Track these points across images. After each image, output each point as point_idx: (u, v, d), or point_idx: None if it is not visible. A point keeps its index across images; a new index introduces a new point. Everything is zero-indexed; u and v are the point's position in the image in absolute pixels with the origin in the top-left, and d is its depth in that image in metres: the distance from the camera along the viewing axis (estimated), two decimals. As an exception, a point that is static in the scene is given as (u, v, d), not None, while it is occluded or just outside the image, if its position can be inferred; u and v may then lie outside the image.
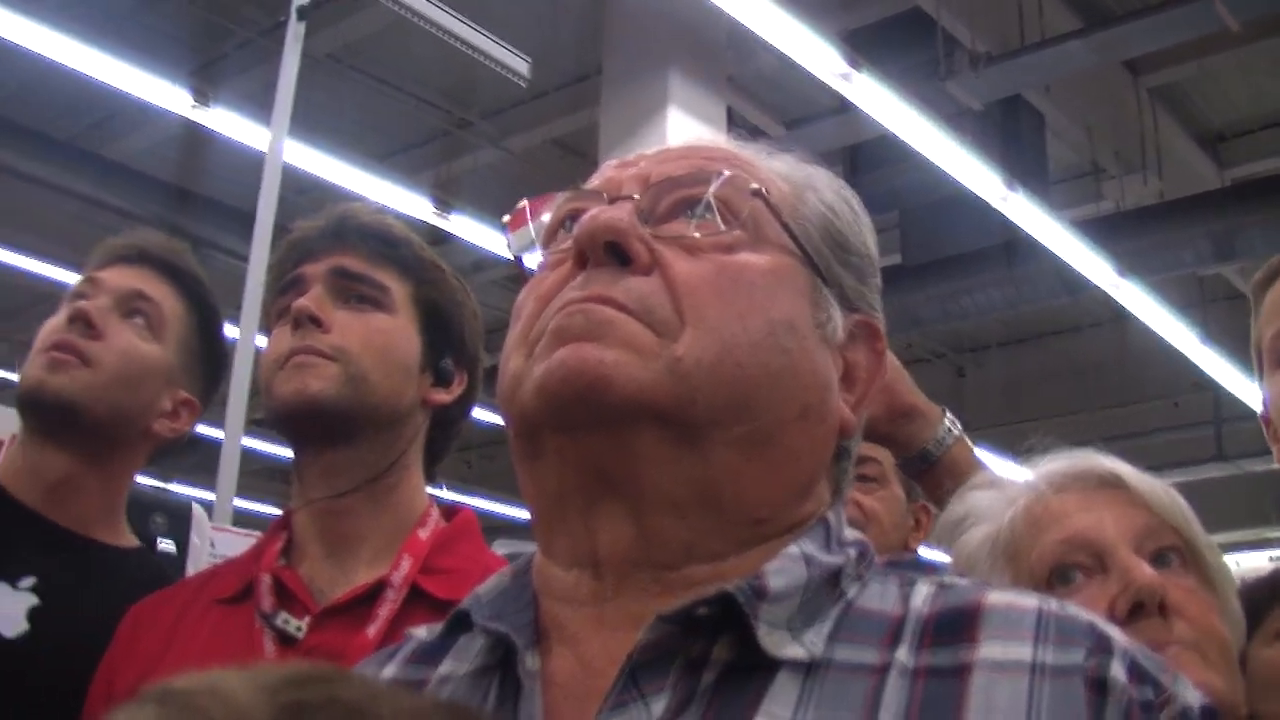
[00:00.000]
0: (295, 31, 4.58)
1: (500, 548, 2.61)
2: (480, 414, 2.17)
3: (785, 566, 0.98)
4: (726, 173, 1.09)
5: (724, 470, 1.00)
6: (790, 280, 1.08)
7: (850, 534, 1.08)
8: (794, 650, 0.93)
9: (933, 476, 1.96)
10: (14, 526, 2.07)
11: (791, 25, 7.20)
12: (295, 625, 1.72)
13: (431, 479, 1.98)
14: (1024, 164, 9.78)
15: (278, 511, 1.99)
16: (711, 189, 1.08)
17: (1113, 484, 1.69)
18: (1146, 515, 1.66)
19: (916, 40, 9.18)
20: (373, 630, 1.70)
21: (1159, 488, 1.70)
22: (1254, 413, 2.13)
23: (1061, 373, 15.35)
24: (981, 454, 2.01)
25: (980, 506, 1.77)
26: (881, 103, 8.03)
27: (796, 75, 8.41)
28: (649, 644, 0.93)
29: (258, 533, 2.14)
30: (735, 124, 9.58)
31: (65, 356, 2.07)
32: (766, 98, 10.56)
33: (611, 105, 8.56)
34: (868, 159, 10.40)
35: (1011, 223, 9.56)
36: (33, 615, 1.97)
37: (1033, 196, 9.27)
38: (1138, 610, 1.54)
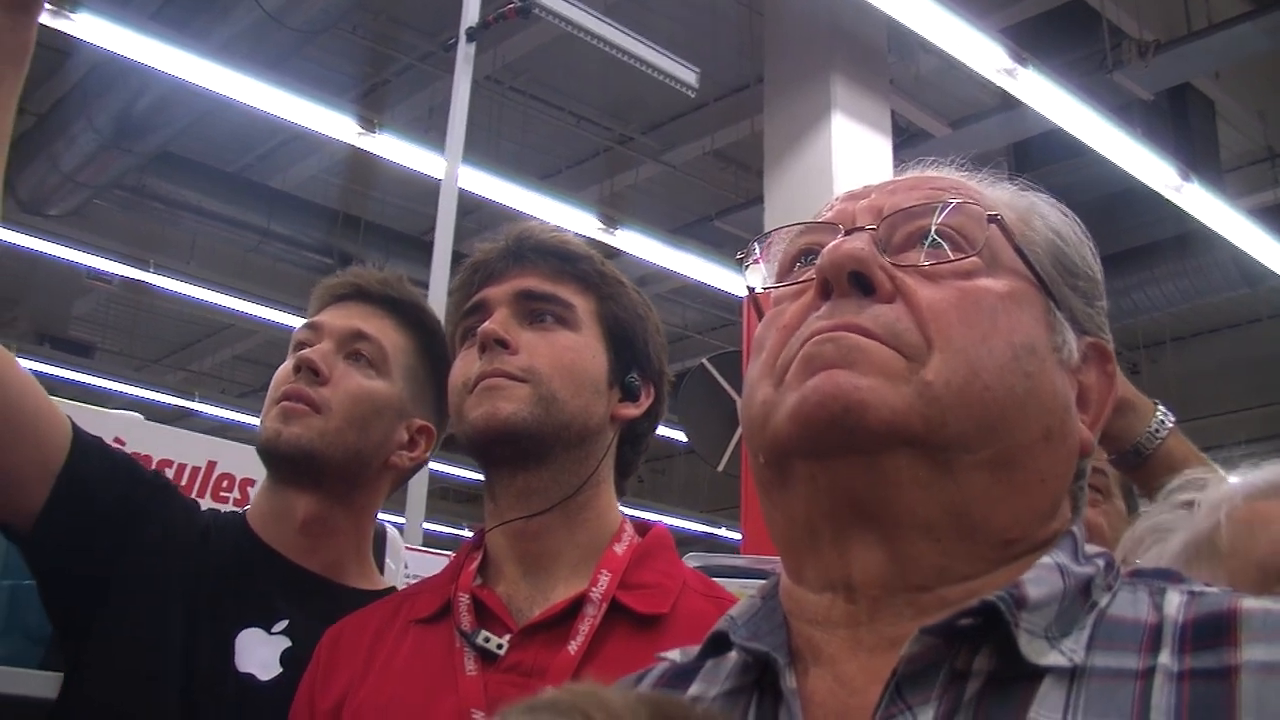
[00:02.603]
0: (465, 53, 4.63)
1: (692, 560, 2.60)
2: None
3: (1041, 576, 0.98)
4: (958, 202, 1.12)
5: (974, 492, 1.01)
6: (1028, 304, 1.10)
7: (1092, 548, 1.08)
8: (1055, 658, 0.93)
9: (1146, 471, 1.93)
10: (266, 571, 2.12)
11: (953, 23, 7.16)
12: (496, 643, 1.71)
13: (622, 494, 1.97)
14: (1196, 153, 9.59)
15: (452, 530, 1.99)
16: (947, 217, 1.11)
17: None
18: None
19: (1080, 32, 9.06)
20: (574, 646, 1.69)
21: None
22: None
23: (1241, 366, 14.99)
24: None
25: (1168, 522, 1.75)
26: (1047, 97, 7.94)
27: (958, 74, 8.33)
28: (913, 657, 0.94)
29: (448, 553, 2.15)
30: (899, 127, 9.51)
31: (297, 406, 2.12)
32: (929, 99, 10.46)
33: (775, 114, 8.52)
34: (1034, 155, 10.26)
35: (1186, 214, 9.37)
36: (285, 659, 2.02)
37: (1207, 186, 9.08)
38: None
